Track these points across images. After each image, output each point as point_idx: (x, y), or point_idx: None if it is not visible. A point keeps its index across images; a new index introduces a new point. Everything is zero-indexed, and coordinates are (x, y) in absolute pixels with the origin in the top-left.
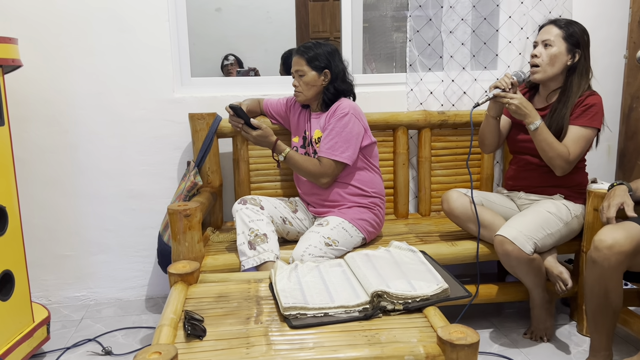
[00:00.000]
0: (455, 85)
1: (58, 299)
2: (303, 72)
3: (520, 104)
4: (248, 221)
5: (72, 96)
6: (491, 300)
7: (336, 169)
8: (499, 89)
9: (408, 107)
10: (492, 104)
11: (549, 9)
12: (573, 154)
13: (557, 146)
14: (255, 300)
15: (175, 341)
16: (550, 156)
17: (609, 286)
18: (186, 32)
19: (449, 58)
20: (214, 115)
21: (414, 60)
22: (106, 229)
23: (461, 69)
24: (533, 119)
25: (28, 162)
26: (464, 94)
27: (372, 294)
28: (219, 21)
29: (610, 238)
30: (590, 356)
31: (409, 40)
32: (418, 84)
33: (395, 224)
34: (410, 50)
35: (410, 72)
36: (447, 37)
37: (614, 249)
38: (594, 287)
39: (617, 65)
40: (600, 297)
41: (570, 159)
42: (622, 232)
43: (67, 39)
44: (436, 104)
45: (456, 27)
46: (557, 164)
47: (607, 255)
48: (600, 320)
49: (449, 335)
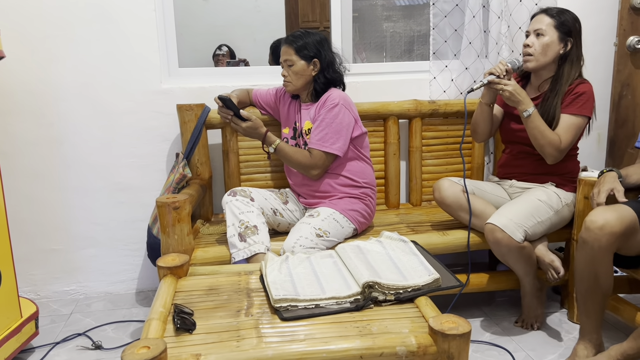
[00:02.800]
0: (468, 74)
1: (46, 293)
2: (292, 62)
3: (513, 91)
4: (238, 213)
5: (57, 88)
6: (482, 289)
7: (327, 160)
8: (493, 75)
9: (430, 96)
10: (486, 91)
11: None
12: (564, 142)
13: (548, 134)
14: (246, 293)
15: (164, 335)
16: (541, 144)
17: (599, 269)
18: (173, 22)
19: (468, 44)
20: (203, 106)
21: (438, 48)
22: (94, 223)
23: (477, 56)
24: (526, 106)
25: (13, 156)
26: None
27: (363, 285)
28: (207, 11)
29: (602, 219)
30: (580, 340)
31: (432, 28)
32: (442, 71)
33: (387, 214)
34: (434, 38)
35: (434, 60)
36: (470, 22)
37: (605, 229)
38: (584, 269)
39: (607, 53)
40: (590, 280)
41: (562, 147)
42: (614, 213)
43: (51, 30)
44: (454, 92)
45: (477, 13)
46: (548, 151)
47: (598, 236)
48: (589, 304)
49: (441, 325)
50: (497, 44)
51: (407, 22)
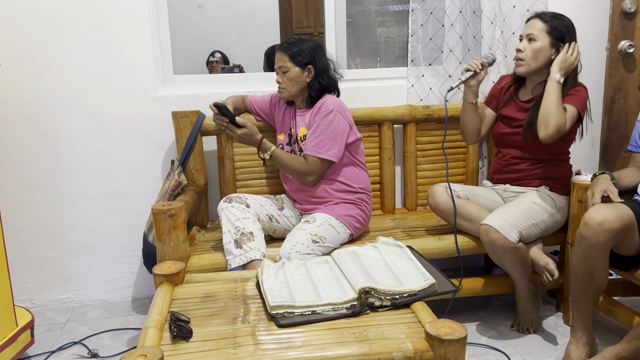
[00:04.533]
0: (451, 81)
1: (42, 302)
2: (286, 68)
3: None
4: (234, 219)
5: (52, 96)
6: (478, 293)
7: (322, 166)
8: (470, 71)
9: (408, 102)
10: (467, 89)
11: (531, 3)
12: (567, 123)
13: (562, 110)
14: (242, 300)
15: (161, 343)
16: (552, 111)
17: (595, 264)
18: (168, 29)
19: (449, 52)
20: (198, 113)
21: (416, 55)
22: (90, 230)
23: (459, 63)
24: (554, 73)
25: (7, 164)
26: (457, 89)
27: (359, 291)
28: (202, 18)
29: (601, 215)
30: (572, 339)
31: (411, 35)
32: (419, 79)
33: (382, 219)
34: (412, 45)
35: (411, 67)
36: (449, 30)
37: (603, 225)
38: (580, 264)
39: (599, 57)
40: (585, 276)
41: (565, 128)
42: (613, 210)
43: (46, 37)
44: (435, 99)
45: (455, 20)
46: (552, 123)
47: (596, 232)
48: (583, 300)
49: (437, 330)
50: (490, 48)
51: (401, 27)
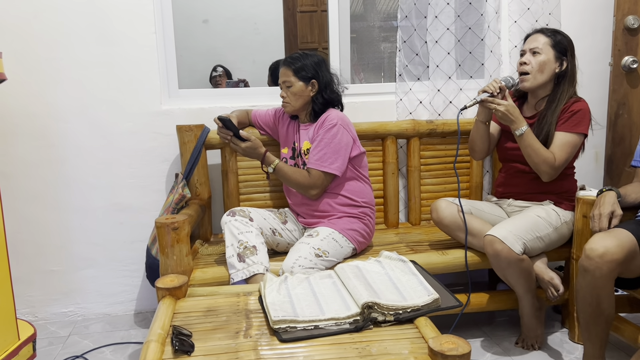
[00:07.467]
0: (441, 95)
1: (44, 315)
2: (290, 83)
3: (507, 110)
4: (237, 233)
5: (58, 109)
6: (482, 309)
7: (325, 180)
8: (486, 93)
9: (397, 117)
10: (481, 109)
11: (535, 18)
12: (559, 160)
13: (543, 152)
14: (245, 314)
15: (162, 357)
16: (535, 162)
17: (601, 295)
18: (173, 43)
19: (435, 68)
20: (202, 127)
21: (403, 71)
22: (94, 243)
23: (447, 78)
24: (519, 124)
25: (13, 177)
26: (450, 103)
27: (362, 305)
28: (207, 33)
29: (602, 246)
30: None
31: (399, 50)
32: (407, 93)
33: (386, 234)
34: (400, 60)
35: (399, 82)
36: (433, 46)
37: (605, 257)
38: (586, 295)
39: (602, 72)
40: (592, 306)
41: (556, 165)
42: (614, 240)
43: (52, 52)
44: (425, 113)
45: (441, 36)
46: (542, 169)
47: (598, 264)
48: (593, 329)
49: (440, 346)
50: (500, 64)
51: None
